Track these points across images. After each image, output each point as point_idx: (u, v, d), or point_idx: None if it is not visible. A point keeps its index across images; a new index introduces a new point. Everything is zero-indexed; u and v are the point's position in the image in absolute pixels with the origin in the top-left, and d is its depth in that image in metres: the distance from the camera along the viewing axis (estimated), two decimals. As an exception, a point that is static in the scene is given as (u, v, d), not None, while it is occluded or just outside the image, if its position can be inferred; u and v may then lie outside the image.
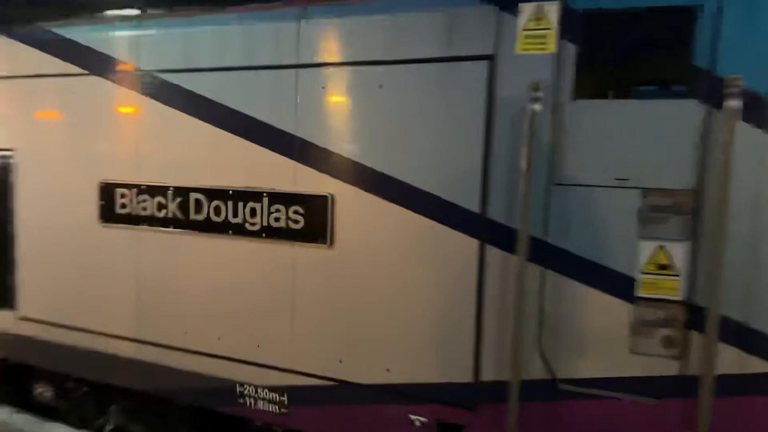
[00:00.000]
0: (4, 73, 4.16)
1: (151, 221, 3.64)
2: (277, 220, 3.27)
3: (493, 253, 2.81)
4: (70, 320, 4.02)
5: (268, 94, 3.24)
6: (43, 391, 4.52)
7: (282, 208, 3.25)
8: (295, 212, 3.22)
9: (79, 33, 3.84)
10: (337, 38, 3.10)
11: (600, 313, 2.61)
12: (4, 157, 4.12)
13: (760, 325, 2.39)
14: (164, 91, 3.53)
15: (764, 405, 2.39)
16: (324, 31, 3.10)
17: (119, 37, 3.73)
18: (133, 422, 4.11)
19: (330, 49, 3.11)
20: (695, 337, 2.43)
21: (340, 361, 3.20)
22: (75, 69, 3.85)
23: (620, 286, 2.56)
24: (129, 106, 3.68)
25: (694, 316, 2.43)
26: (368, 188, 3.05)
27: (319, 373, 3.25)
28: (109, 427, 4.18)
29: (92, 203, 3.80)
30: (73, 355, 4.04)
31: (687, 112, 2.39)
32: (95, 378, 4.06)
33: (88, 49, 3.81)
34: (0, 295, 4.27)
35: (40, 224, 4.11)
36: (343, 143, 3.12)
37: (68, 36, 3.87)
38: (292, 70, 3.16)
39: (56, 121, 3.97)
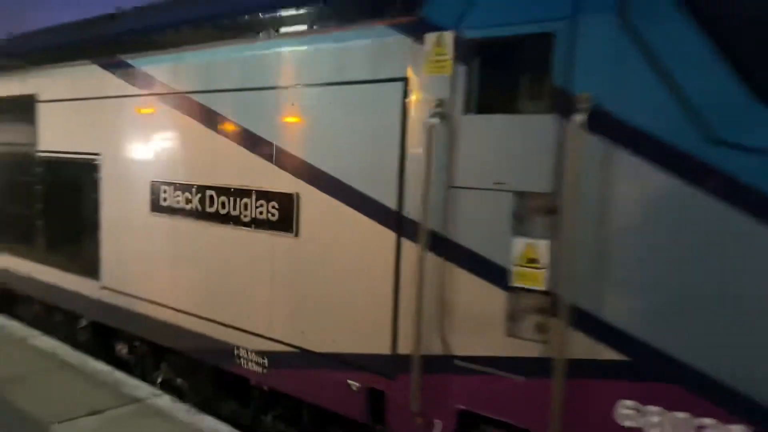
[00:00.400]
0: (95, 95, 5.24)
1: (182, 212, 4.49)
2: (261, 213, 3.95)
3: (407, 245, 3.25)
4: (132, 290, 4.95)
5: (256, 110, 3.98)
6: (120, 348, 5.51)
7: (264, 203, 3.93)
8: (273, 207, 3.88)
9: (141, 62, 4.79)
10: (299, 64, 3.80)
11: (485, 299, 2.98)
12: (94, 158, 5.29)
13: (607, 316, 2.63)
14: (189, 108, 4.39)
15: (609, 388, 2.63)
16: (291, 58, 3.83)
17: (164, 65, 4.63)
18: (177, 376, 4.98)
19: (295, 73, 3.80)
20: (555, 323, 2.72)
21: (302, 332, 3.79)
22: (137, 92, 4.82)
23: (499, 276, 2.91)
24: (168, 120, 4.60)
25: (555, 305, 2.71)
26: (321, 188, 3.63)
27: (288, 342, 3.86)
28: (159, 380, 5.08)
29: (146, 197, 4.76)
30: (134, 319, 4.95)
31: (547, 125, 2.73)
32: (149, 338, 4.95)
33: (145, 75, 4.75)
34: (89, 268, 5.32)
35: (115, 212, 5.10)
36: (303, 150, 3.74)
37: (133, 64, 4.84)
38: (272, 91, 3.89)
39: (125, 132, 4.99)
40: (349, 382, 3.57)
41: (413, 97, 3.23)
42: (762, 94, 2.27)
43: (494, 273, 2.95)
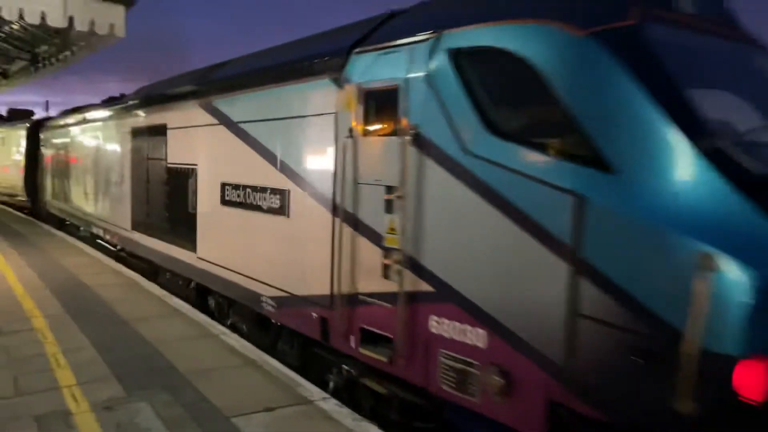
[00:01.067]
0: (195, 125, 7.29)
1: (233, 204, 6.33)
2: (271, 202, 5.68)
3: (337, 222, 4.70)
4: (212, 258, 6.80)
5: (268, 134, 5.82)
6: (210, 301, 7.38)
7: (273, 196, 5.65)
8: (276, 198, 5.59)
9: (216, 102, 6.82)
10: (282, 104, 5.60)
11: (372, 255, 4.35)
12: (193, 168, 7.31)
13: (426, 264, 3.91)
14: (237, 133, 6.32)
15: (425, 308, 3.92)
16: (279, 100, 5.66)
17: (224, 105, 6.66)
18: (239, 320, 6.68)
19: (282, 110, 5.58)
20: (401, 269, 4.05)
21: (290, 282, 5.36)
22: (214, 122, 6.81)
23: (379, 240, 4.29)
24: (228, 141, 6.48)
25: (405, 257, 4.03)
26: (298, 185, 5.31)
27: (284, 289, 5.46)
28: (228, 322, 6.79)
29: (219, 194, 6.59)
30: (214, 279, 6.76)
31: (396, 143, 4.09)
32: (222, 292, 6.78)
33: (218, 111, 6.74)
34: (189, 244, 7.27)
35: (204, 204, 7.05)
36: (287, 160, 5.50)
37: (213, 104, 6.87)
38: (278, 121, 5.65)
39: (208, 150, 7.02)
40: (313, 314, 5.05)
41: (339, 126, 4.78)
42: (488, 125, 3.58)
43: (377, 238, 4.32)
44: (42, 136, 17.15)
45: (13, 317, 6.36)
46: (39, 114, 30.67)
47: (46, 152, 16.52)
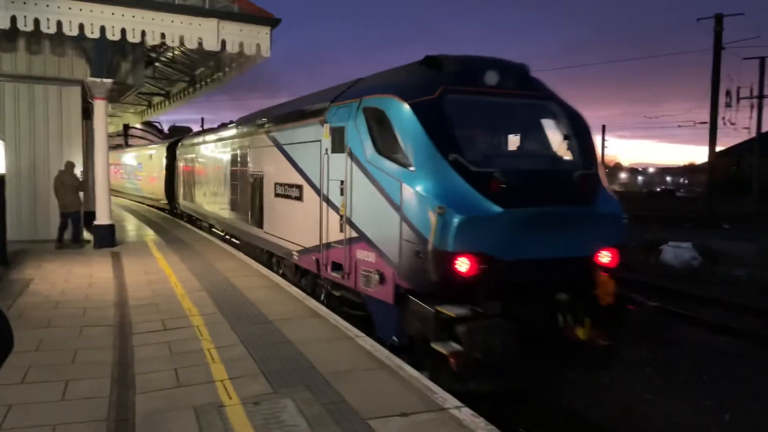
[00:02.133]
0: (262, 146, 10.96)
1: (278, 194, 9.85)
2: (294, 193, 9.02)
3: (323, 202, 7.74)
4: (270, 231, 10.32)
5: (293, 152, 9.24)
6: (274, 262, 10.89)
7: (295, 188, 8.92)
8: (297, 190, 8.87)
9: (269, 132, 10.55)
10: (299, 134, 9.04)
11: (336, 219, 7.29)
12: (262, 174, 10.88)
13: (354, 220, 6.86)
14: (280, 151, 9.81)
15: (356, 247, 6.79)
16: (295, 132, 9.25)
17: (272, 133, 10.42)
18: (286, 269, 10.21)
19: (297, 137, 9.09)
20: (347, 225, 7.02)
21: (304, 239, 8.49)
22: (270, 143, 10.50)
23: (338, 211, 7.19)
24: (278, 156, 9.87)
25: (347, 219, 7.00)
26: (306, 182, 8.50)
27: (301, 244, 8.66)
28: (280, 272, 10.40)
29: (273, 190, 10.09)
30: (272, 245, 10.30)
31: (343, 157, 7.10)
32: (275, 253, 10.46)
33: (270, 135, 10.50)
34: (260, 224, 10.84)
35: (267, 197, 10.46)
36: (301, 167, 8.78)
37: (268, 133, 10.63)
38: (296, 144, 9.13)
39: (267, 162, 10.67)
40: (313, 257, 8.12)
41: (322, 148, 7.82)
42: (375, 147, 6.47)
43: (336, 210, 7.29)
44: (176, 152, 21.33)
45: (175, 315, 7.02)
46: (196, 129, 34.03)
47: (178, 165, 20.86)
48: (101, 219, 12.51)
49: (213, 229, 16.20)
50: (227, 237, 14.56)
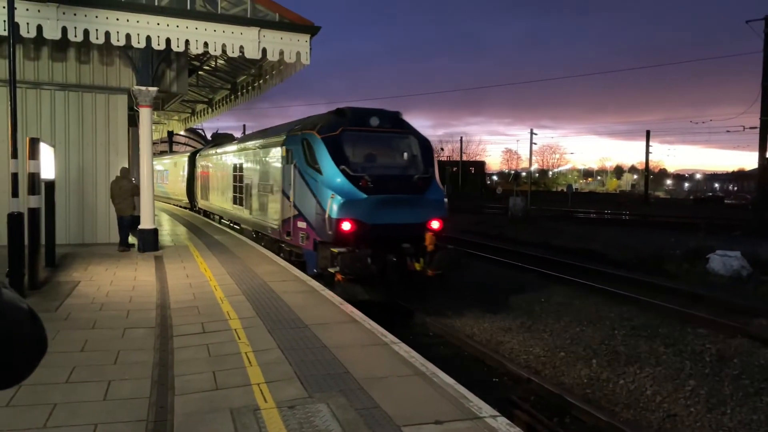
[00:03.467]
0: (247, 158, 15.80)
1: (261, 190, 14.13)
2: (268, 189, 13.46)
3: (284, 195, 12.03)
4: (255, 215, 14.58)
5: (268, 164, 13.76)
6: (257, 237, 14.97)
7: (268, 187, 13.50)
8: (271, 188, 13.30)
9: (252, 150, 15.30)
10: (269, 152, 13.86)
11: (289, 205, 11.68)
12: (251, 178, 15.24)
13: (296, 203, 11.41)
14: (259, 162, 14.50)
15: (298, 221, 11.34)
16: (268, 151, 14.00)
17: (257, 151, 14.95)
18: (266, 244, 14.01)
19: (269, 155, 13.82)
20: (293, 207, 11.63)
21: (275, 221, 12.80)
22: (254, 157, 15.27)
23: (289, 199, 11.60)
24: (258, 165, 14.97)
25: (293, 204, 11.49)
26: (275, 184, 12.98)
27: (274, 224, 12.84)
28: (263, 244, 14.13)
29: (258, 187, 14.47)
30: (256, 225, 14.65)
31: (292, 167, 11.56)
32: (260, 231, 14.60)
33: (255, 152, 15.13)
34: (249, 210, 15.16)
35: (252, 193, 15.11)
36: (272, 173, 13.29)
37: (251, 150, 15.56)
38: (269, 159, 13.68)
39: (252, 169, 15.41)
40: (278, 229, 12.40)
41: (282, 162, 12.21)
42: (306, 161, 10.97)
43: (289, 198, 11.62)
44: (195, 161, 25.45)
45: (214, 318, 7.15)
46: (238, 135, 35.34)
47: (197, 172, 25.11)
48: (145, 224, 12.85)
49: (222, 221, 20.54)
50: (231, 224, 19.10)
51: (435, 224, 10.57)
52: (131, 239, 13.25)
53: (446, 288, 11.59)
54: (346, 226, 9.94)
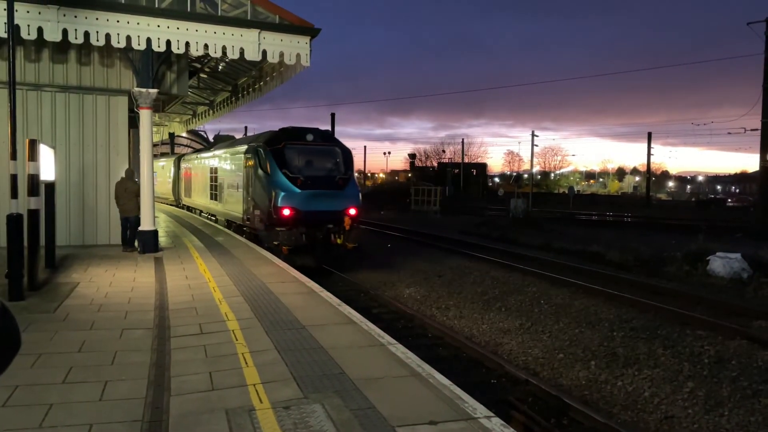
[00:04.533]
0: (219, 162, 20.86)
1: (231, 188, 18.80)
2: (235, 187, 18.17)
3: (245, 192, 16.82)
4: (227, 207, 19.42)
5: (235, 167, 18.47)
6: (230, 225, 18.95)
7: (235, 185, 18.21)
8: (237, 184, 18.14)
9: (224, 154, 20.39)
10: (238, 158, 18.10)
11: (248, 199, 16.49)
12: (224, 178, 19.97)
13: (253, 197, 16.02)
14: (227, 166, 19.76)
15: (254, 209, 15.83)
16: (236, 156, 18.27)
17: (228, 155, 19.92)
18: (235, 230, 18.15)
19: (238, 160, 18.18)
20: (252, 200, 16.54)
21: (241, 211, 17.55)
22: (224, 161, 20.30)
23: (249, 195, 16.29)
24: (228, 168, 19.85)
25: (252, 198, 16.37)
26: (240, 182, 17.71)
27: (239, 212, 17.42)
28: (232, 229, 18.34)
29: (228, 186, 19.25)
30: (228, 215, 19.31)
31: (252, 169, 16.17)
32: (232, 220, 18.77)
33: (226, 157, 20.18)
34: (222, 204, 20.09)
35: (225, 190, 19.94)
36: (238, 174, 17.81)
37: (223, 154, 20.67)
38: (238, 164, 17.89)
39: (224, 170, 20.11)
40: (243, 217, 17.03)
41: (244, 165, 16.77)
42: (259, 166, 15.43)
43: (248, 194, 16.32)
44: (180, 164, 29.50)
45: (212, 319, 7.16)
46: (239, 137, 36.57)
47: (180, 173, 29.40)
48: (146, 225, 12.87)
49: (201, 215, 24.48)
50: (209, 217, 22.84)
51: (352, 211, 14.88)
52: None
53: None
54: (286, 212, 14.24)
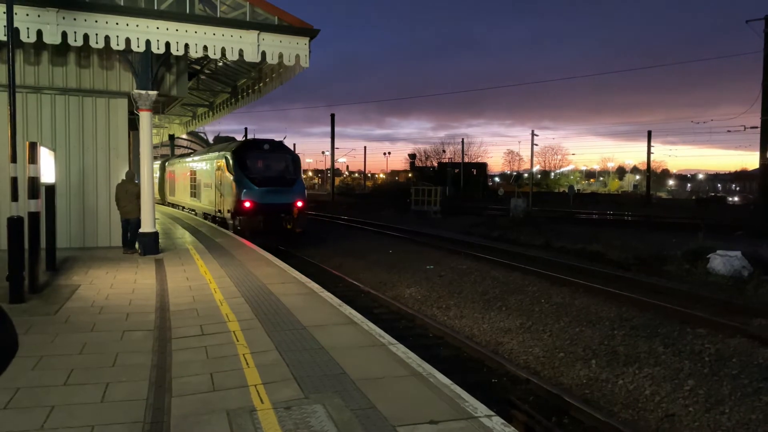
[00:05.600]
0: (199, 166, 24.78)
1: (205, 187, 23.53)
2: (210, 186, 22.40)
3: (217, 190, 21.20)
4: (204, 203, 23.73)
5: (209, 170, 22.53)
6: (210, 218, 22.37)
7: (211, 184, 22.32)
8: (212, 182, 22.35)
9: (201, 159, 24.76)
10: (213, 162, 22.19)
11: (219, 196, 20.97)
12: (200, 179, 24.92)
13: (222, 194, 20.79)
14: (203, 169, 24.06)
15: (223, 203, 20.48)
16: (212, 161, 22.32)
17: (204, 159, 24.19)
18: (212, 221, 22.33)
19: (213, 164, 21.93)
20: (223, 196, 21.25)
21: (215, 206, 21.42)
22: (203, 165, 23.99)
23: (223, 194, 20.68)
24: (204, 171, 23.93)
25: (222, 194, 20.70)
26: (212, 182, 21.93)
27: (213, 206, 21.86)
28: (210, 221, 22.25)
29: (205, 186, 23.62)
30: (208, 210, 23.25)
31: (223, 172, 20.57)
32: (211, 214, 22.48)
33: (202, 161, 24.41)
34: (200, 201, 24.78)
35: (202, 188, 24.49)
36: (212, 174, 21.94)
37: (200, 160, 24.79)
38: (212, 167, 22.00)
39: (201, 172, 24.48)
40: (215, 209, 21.51)
41: (217, 168, 21.03)
42: (229, 169, 19.76)
43: (220, 193, 20.67)
44: (165, 167, 33.37)
45: (213, 320, 7.17)
46: (240, 138, 38.12)
47: (165, 174, 33.31)
48: (146, 227, 12.88)
49: (183, 210, 28.11)
50: (190, 211, 26.73)
51: (299, 204, 19.42)
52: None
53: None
54: (247, 204, 18.61)
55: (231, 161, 19.34)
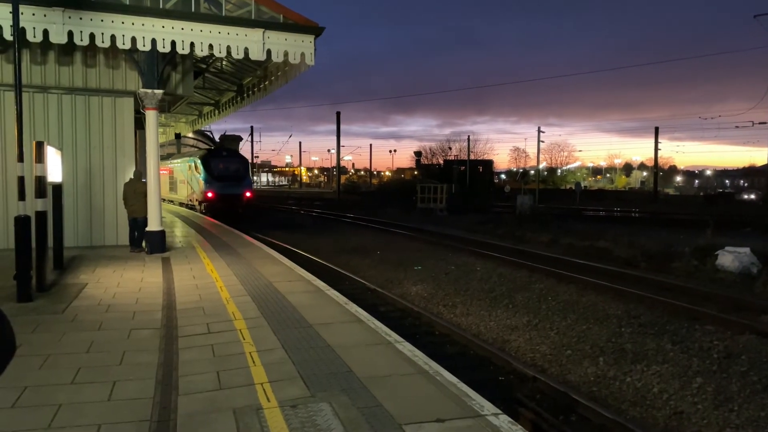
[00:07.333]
0: (179, 165, 33.94)
1: (182, 182, 32.71)
2: (186, 182, 31.87)
3: (190, 185, 31.44)
4: (183, 196, 32.67)
5: (186, 169, 31.50)
6: (193, 208, 30.14)
7: (186, 181, 31.91)
8: (186, 179, 31.60)
9: (182, 159, 33.34)
10: (189, 163, 30.80)
11: (191, 190, 30.21)
12: (178, 176, 34.57)
13: (192, 188, 30.87)
14: (181, 168, 32.97)
15: (194, 196, 30.07)
16: (189, 161, 30.69)
17: (185, 159, 32.57)
18: (191, 208, 30.04)
19: (190, 164, 30.40)
20: (194, 188, 31.44)
21: (192, 197, 30.17)
22: (184, 164, 32.11)
23: (195, 187, 29.66)
24: (182, 170, 33.09)
25: (194, 189, 30.35)
26: (187, 178, 31.71)
27: (187, 197, 31.26)
28: (192, 208, 30.43)
29: (182, 181, 32.93)
30: (186, 202, 32.00)
31: (195, 172, 30.10)
32: (188, 204, 31.34)
33: (183, 161, 32.83)
34: (180, 194, 34.10)
35: (180, 183, 33.71)
36: (189, 172, 30.77)
37: (181, 159, 33.51)
38: (190, 166, 30.83)
39: (180, 170, 33.27)
40: (188, 200, 31.04)
41: (190, 169, 30.17)
42: (196, 169, 29.02)
43: (192, 187, 30.25)
44: None
45: (219, 319, 7.18)
46: (246, 137, 43.12)
47: None
48: (153, 226, 12.92)
49: (165, 200, 32.07)
50: (170, 202, 34.17)
51: (247, 194, 27.62)
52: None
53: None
54: (210, 194, 26.55)
55: (200, 163, 27.83)
